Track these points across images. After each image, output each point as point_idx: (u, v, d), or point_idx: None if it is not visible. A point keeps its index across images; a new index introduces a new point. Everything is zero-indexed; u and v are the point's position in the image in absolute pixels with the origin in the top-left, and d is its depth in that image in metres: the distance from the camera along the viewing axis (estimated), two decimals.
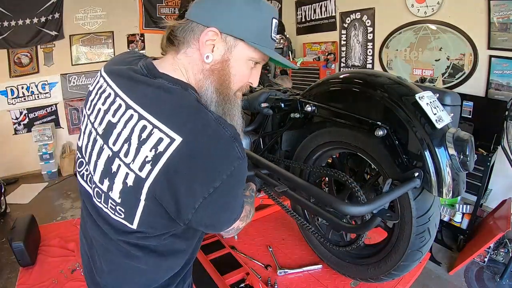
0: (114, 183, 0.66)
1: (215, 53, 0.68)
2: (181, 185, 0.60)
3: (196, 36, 0.67)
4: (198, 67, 0.69)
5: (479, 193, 2.35)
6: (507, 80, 2.46)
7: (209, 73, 0.69)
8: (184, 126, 0.61)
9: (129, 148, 0.64)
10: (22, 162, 4.04)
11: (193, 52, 0.68)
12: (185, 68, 0.70)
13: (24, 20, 3.72)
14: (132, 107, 0.66)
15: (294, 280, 1.28)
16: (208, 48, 0.67)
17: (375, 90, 0.94)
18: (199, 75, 0.69)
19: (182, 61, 0.70)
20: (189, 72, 0.70)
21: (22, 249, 2.08)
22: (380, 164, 0.98)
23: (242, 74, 0.72)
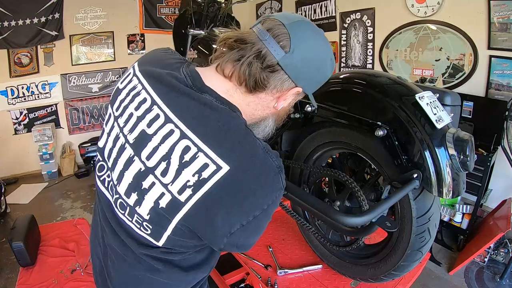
0: (144, 200, 0.63)
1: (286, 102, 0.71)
2: (221, 213, 0.59)
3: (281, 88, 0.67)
4: (263, 108, 0.71)
5: (479, 193, 2.35)
6: (507, 80, 2.46)
7: (274, 114, 0.74)
8: (232, 153, 0.59)
9: (168, 168, 0.60)
10: (22, 162, 4.04)
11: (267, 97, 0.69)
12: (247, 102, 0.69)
13: (24, 20, 3.72)
14: (172, 121, 0.62)
15: (294, 280, 1.28)
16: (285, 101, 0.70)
17: (375, 90, 0.94)
18: (260, 112, 0.71)
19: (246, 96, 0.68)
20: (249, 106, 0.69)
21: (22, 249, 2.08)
22: (380, 164, 0.98)
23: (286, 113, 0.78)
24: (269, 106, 0.70)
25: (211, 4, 2.02)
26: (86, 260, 2.38)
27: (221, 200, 0.59)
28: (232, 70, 0.65)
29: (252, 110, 0.70)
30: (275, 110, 0.72)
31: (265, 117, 0.73)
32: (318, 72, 0.70)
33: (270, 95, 0.68)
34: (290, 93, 0.68)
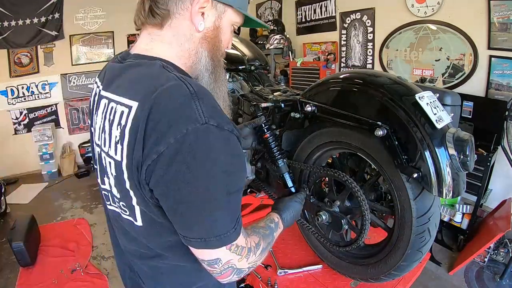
0: (109, 178, 0.64)
1: (206, 21, 0.66)
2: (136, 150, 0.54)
3: (185, 6, 0.63)
4: (186, 37, 0.66)
5: (479, 193, 2.35)
6: (507, 80, 2.46)
7: (202, 40, 0.67)
8: (141, 90, 0.57)
9: (105, 136, 0.62)
10: (22, 162, 4.04)
11: (180, 23, 0.65)
12: (168, 41, 0.65)
13: (24, 20, 3.73)
14: (104, 96, 0.65)
15: (294, 280, 1.28)
16: (199, 16, 0.64)
17: (375, 90, 0.94)
18: (188, 44, 0.66)
19: (163, 36, 0.66)
20: (172, 44, 0.66)
21: (22, 249, 2.08)
22: (380, 164, 0.98)
23: (228, 39, 0.72)
24: (192, 33, 0.66)
25: None
26: (86, 260, 2.39)
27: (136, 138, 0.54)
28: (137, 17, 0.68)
29: (178, 46, 0.66)
30: (202, 35, 0.66)
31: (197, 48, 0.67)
32: None
33: (182, 20, 0.64)
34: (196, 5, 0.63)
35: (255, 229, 0.73)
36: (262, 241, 0.70)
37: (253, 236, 0.69)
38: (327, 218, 1.13)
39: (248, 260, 0.64)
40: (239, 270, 0.63)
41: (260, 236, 0.71)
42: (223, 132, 0.55)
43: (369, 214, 1.00)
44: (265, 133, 1.22)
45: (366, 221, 1.00)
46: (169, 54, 0.65)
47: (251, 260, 0.65)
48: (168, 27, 0.65)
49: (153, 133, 0.53)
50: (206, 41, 0.68)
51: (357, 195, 1.00)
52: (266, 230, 0.75)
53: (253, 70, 1.66)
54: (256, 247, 0.67)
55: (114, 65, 0.68)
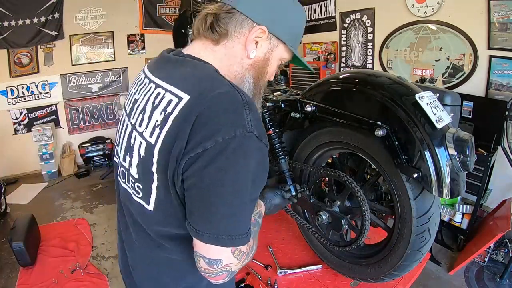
0: (132, 157, 0.66)
1: (258, 50, 0.69)
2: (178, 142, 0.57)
3: (243, 31, 0.67)
4: (236, 60, 0.69)
5: (479, 193, 2.35)
6: (507, 80, 2.46)
7: (250, 67, 0.71)
8: (195, 86, 0.60)
9: (143, 117, 0.64)
10: (22, 162, 4.04)
11: (234, 45, 0.68)
12: (219, 58, 0.69)
13: (24, 20, 3.73)
14: (152, 80, 0.68)
15: (294, 280, 1.28)
16: (253, 44, 0.68)
17: (375, 90, 0.94)
18: (236, 67, 0.70)
19: (216, 52, 0.69)
20: (223, 62, 0.69)
21: (22, 249, 2.08)
22: (380, 164, 0.98)
23: (273, 72, 0.76)
24: (243, 58, 0.69)
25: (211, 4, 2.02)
26: (86, 260, 2.39)
27: (180, 129, 0.57)
28: (197, 28, 0.70)
29: (227, 66, 0.69)
30: (251, 62, 0.70)
31: (244, 73, 0.71)
32: (277, 6, 0.70)
33: (237, 43, 0.68)
34: (253, 33, 0.67)
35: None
36: (254, 242, 0.72)
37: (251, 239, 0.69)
38: (327, 218, 1.13)
39: (243, 263, 0.66)
40: (232, 273, 0.65)
41: (254, 238, 0.71)
42: (261, 144, 0.59)
43: (369, 214, 1.00)
44: (269, 129, 1.23)
45: (366, 221, 1.00)
46: (217, 67, 0.67)
47: (244, 263, 0.67)
48: (223, 45, 0.69)
49: (203, 128, 0.56)
50: (253, 69, 0.71)
51: (357, 195, 1.00)
52: (255, 227, 0.76)
53: None
54: (251, 250, 0.70)
55: (169, 56, 0.71)
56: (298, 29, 0.75)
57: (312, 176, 1.26)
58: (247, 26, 0.67)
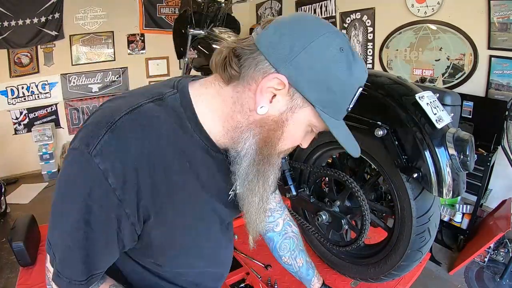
0: None
1: (272, 106, 0.52)
2: None
3: (256, 75, 0.51)
4: (243, 109, 0.54)
5: (479, 193, 2.35)
6: (507, 80, 2.46)
7: (256, 125, 0.53)
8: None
9: None
10: (22, 162, 4.04)
11: (244, 90, 0.53)
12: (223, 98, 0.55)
13: (24, 20, 3.72)
14: None
15: (295, 280, 1.28)
16: (267, 96, 0.51)
17: (375, 90, 0.94)
18: (240, 117, 0.54)
19: (224, 90, 0.55)
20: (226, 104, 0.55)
21: (22, 249, 2.08)
22: (380, 164, 0.98)
23: (296, 138, 0.57)
24: (250, 109, 0.53)
25: (211, 4, 2.02)
26: None
27: None
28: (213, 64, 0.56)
29: (230, 110, 0.55)
30: (258, 118, 0.53)
31: (245, 129, 0.54)
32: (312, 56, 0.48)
33: (247, 89, 0.52)
34: (267, 82, 0.49)
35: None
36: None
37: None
38: (327, 218, 1.13)
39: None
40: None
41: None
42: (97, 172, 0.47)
43: (369, 214, 1.00)
44: None
45: (366, 221, 1.00)
46: (215, 107, 0.56)
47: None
48: (232, 86, 0.54)
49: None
50: (259, 128, 0.53)
51: (357, 195, 1.00)
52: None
53: None
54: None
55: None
56: (343, 90, 0.52)
57: (312, 176, 1.26)
58: (262, 70, 0.50)
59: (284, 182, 1.19)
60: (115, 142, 0.48)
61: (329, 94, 0.51)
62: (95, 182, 0.47)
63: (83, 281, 0.53)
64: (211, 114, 0.56)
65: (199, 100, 0.56)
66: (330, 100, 0.52)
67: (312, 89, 0.50)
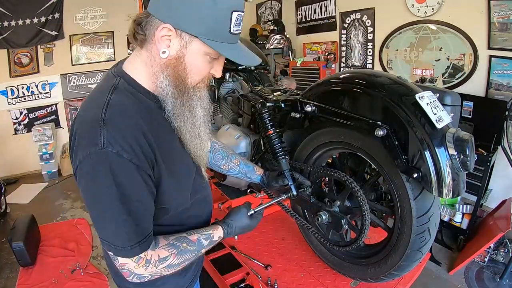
0: None
1: (171, 49, 0.67)
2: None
3: (153, 32, 0.66)
4: (155, 61, 0.69)
5: (479, 193, 2.35)
6: (507, 80, 2.46)
7: (164, 67, 0.68)
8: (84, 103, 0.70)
9: None
10: (22, 162, 4.04)
11: (151, 47, 0.68)
12: (145, 61, 0.70)
13: (24, 20, 3.73)
14: None
15: (295, 280, 1.28)
16: (164, 43, 0.66)
17: (375, 90, 0.94)
18: (155, 67, 0.69)
19: (142, 56, 0.70)
20: (147, 64, 0.70)
21: (22, 249, 2.08)
22: (380, 164, 0.98)
23: (199, 68, 0.71)
24: (156, 58, 0.68)
25: None
26: (86, 260, 2.38)
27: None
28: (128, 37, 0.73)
29: (150, 67, 0.69)
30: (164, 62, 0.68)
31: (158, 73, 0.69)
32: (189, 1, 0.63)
33: (152, 44, 0.67)
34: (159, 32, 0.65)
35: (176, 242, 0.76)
36: (173, 257, 0.73)
37: (163, 250, 0.72)
38: (327, 218, 1.13)
39: (147, 270, 0.70)
40: (139, 275, 0.70)
41: (173, 252, 0.73)
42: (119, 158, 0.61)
43: (369, 214, 1.00)
44: (269, 129, 1.23)
45: (366, 221, 1.00)
46: (142, 71, 0.71)
47: (151, 271, 0.70)
48: (145, 49, 0.70)
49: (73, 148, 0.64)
50: (168, 69, 0.69)
51: (357, 195, 1.00)
52: (191, 246, 0.77)
53: (253, 70, 1.66)
54: (160, 261, 0.71)
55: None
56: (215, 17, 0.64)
57: (312, 176, 1.26)
58: (155, 26, 0.65)
59: None
60: (112, 130, 0.61)
61: (204, 23, 0.64)
62: (115, 163, 0.60)
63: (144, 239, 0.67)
64: (146, 77, 0.71)
65: (135, 72, 0.71)
66: (208, 28, 0.65)
67: (191, 25, 0.64)
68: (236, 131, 1.56)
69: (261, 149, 1.46)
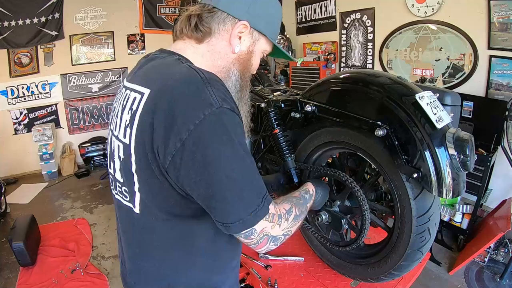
0: (115, 162, 0.67)
1: (242, 44, 0.73)
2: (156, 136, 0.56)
3: (226, 27, 0.70)
4: (221, 55, 0.72)
5: (479, 193, 2.35)
6: (507, 80, 2.46)
7: (235, 60, 0.73)
8: (156, 79, 0.62)
9: (117, 120, 0.66)
10: (22, 162, 4.04)
11: (218, 42, 0.71)
12: (201, 54, 0.71)
13: (24, 20, 3.73)
14: (125, 85, 0.70)
15: (295, 280, 1.28)
16: (237, 39, 0.71)
17: (375, 90, 0.94)
18: (221, 62, 0.72)
19: (198, 48, 0.71)
20: (205, 57, 0.71)
21: (22, 249, 2.08)
22: (380, 164, 0.98)
23: (257, 64, 0.79)
24: (227, 53, 0.72)
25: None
26: (86, 260, 2.39)
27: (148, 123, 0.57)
28: (180, 28, 0.73)
29: (211, 61, 0.72)
30: (236, 56, 0.73)
31: (229, 67, 0.73)
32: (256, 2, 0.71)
33: (221, 39, 0.71)
34: (236, 29, 0.70)
35: (288, 198, 0.79)
36: (295, 208, 0.74)
37: (284, 203, 0.73)
38: (327, 218, 1.13)
39: (281, 227, 0.67)
40: (274, 237, 0.66)
41: (292, 204, 0.75)
42: (233, 114, 0.59)
43: (369, 214, 1.00)
44: (275, 128, 1.23)
45: (366, 221, 1.00)
46: (198, 62, 0.69)
47: (284, 227, 0.68)
48: (206, 43, 0.71)
49: (172, 120, 0.54)
50: (238, 62, 0.74)
51: (357, 195, 1.00)
52: (300, 200, 0.81)
53: None
54: (288, 213, 0.71)
55: (140, 60, 0.74)
56: (277, 21, 0.79)
57: (312, 176, 1.26)
58: (229, 23, 0.70)
59: (290, 180, 1.20)
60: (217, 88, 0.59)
61: (272, 25, 0.76)
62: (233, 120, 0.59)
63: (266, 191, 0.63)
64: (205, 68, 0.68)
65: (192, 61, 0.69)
66: (273, 29, 0.77)
67: (263, 25, 0.74)
68: None
69: (261, 149, 1.46)
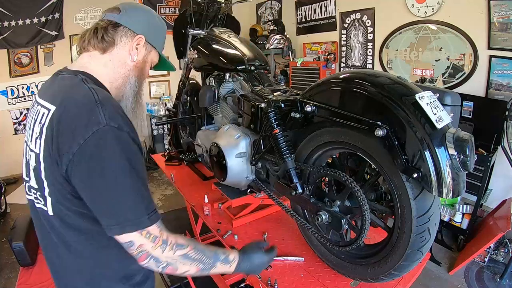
0: (29, 170, 0.75)
1: (139, 55, 0.87)
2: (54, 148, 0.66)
3: (127, 39, 0.84)
4: (121, 63, 0.85)
5: (479, 193, 2.35)
6: (507, 80, 2.46)
7: (134, 68, 0.87)
8: (59, 96, 0.71)
9: (30, 132, 0.75)
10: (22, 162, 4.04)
11: (119, 51, 0.84)
12: (104, 64, 0.83)
13: (24, 20, 3.73)
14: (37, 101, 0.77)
15: (295, 280, 1.28)
16: (135, 50, 0.85)
17: (375, 90, 0.94)
18: (121, 69, 0.85)
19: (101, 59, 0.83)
20: (107, 66, 0.83)
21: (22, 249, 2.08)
22: (380, 164, 0.98)
23: (148, 72, 0.93)
24: (127, 61, 0.85)
25: (211, 4, 2.02)
26: None
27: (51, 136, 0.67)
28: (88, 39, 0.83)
29: (112, 69, 0.83)
30: (134, 64, 0.86)
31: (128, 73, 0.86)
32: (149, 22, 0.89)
33: (122, 50, 0.84)
34: (135, 41, 0.84)
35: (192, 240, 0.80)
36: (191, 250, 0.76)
37: (180, 238, 0.75)
38: (327, 218, 1.13)
39: (165, 253, 0.71)
40: (155, 258, 0.71)
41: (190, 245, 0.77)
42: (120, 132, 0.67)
43: (369, 214, 1.00)
44: (275, 128, 1.23)
45: (366, 221, 1.00)
46: (100, 72, 0.82)
47: (168, 255, 0.72)
48: (109, 53, 0.83)
49: (67, 134, 0.65)
50: (136, 69, 0.88)
51: (357, 195, 1.00)
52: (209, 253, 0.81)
53: (253, 70, 1.66)
54: (177, 246, 0.74)
55: (52, 77, 0.82)
56: (163, 39, 0.95)
57: (312, 176, 1.26)
58: (129, 36, 0.84)
59: (290, 180, 1.19)
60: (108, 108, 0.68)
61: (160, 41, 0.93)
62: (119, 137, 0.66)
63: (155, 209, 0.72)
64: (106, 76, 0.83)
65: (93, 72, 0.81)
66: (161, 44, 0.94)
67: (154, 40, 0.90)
68: (236, 131, 1.56)
69: (261, 149, 1.46)
